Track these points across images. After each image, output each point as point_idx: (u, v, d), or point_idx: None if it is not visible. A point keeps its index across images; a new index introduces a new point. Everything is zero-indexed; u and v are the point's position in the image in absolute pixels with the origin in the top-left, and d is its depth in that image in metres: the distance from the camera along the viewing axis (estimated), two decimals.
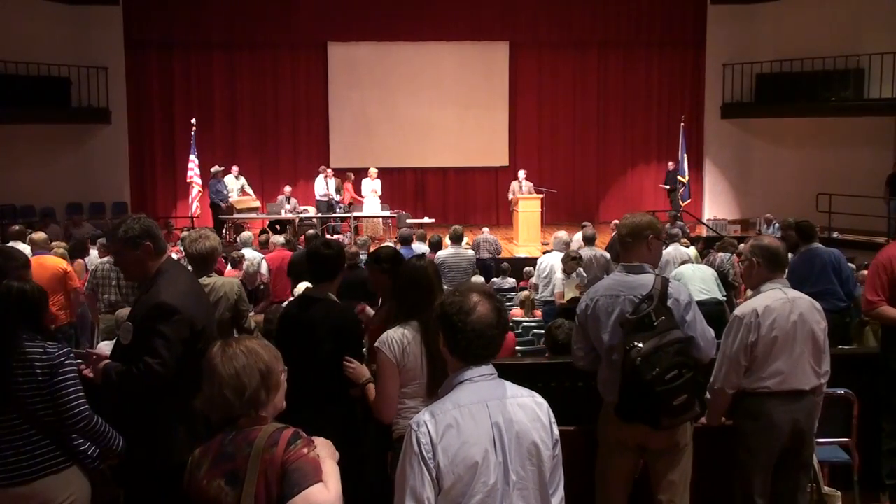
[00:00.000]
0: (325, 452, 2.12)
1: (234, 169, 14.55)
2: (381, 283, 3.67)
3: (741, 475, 3.43)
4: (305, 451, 2.03)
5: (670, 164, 15.73)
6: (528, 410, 2.14)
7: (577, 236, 9.57)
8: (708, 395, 3.49)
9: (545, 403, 2.19)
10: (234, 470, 2.04)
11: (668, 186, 15.78)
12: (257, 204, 14.54)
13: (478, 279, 8.58)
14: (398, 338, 3.03)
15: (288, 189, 14.39)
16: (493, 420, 2.08)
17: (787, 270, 3.59)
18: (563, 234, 8.65)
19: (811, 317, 3.38)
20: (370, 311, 4.00)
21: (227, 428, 2.11)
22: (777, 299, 3.37)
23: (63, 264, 6.83)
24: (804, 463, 3.46)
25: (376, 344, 3.07)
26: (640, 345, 3.00)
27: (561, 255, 7.95)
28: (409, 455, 2.03)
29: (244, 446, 2.05)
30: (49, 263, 6.64)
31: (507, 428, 2.08)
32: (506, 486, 2.06)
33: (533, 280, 8.75)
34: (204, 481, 2.07)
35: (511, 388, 2.16)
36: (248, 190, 14.63)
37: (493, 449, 2.06)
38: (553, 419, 2.18)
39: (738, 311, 3.47)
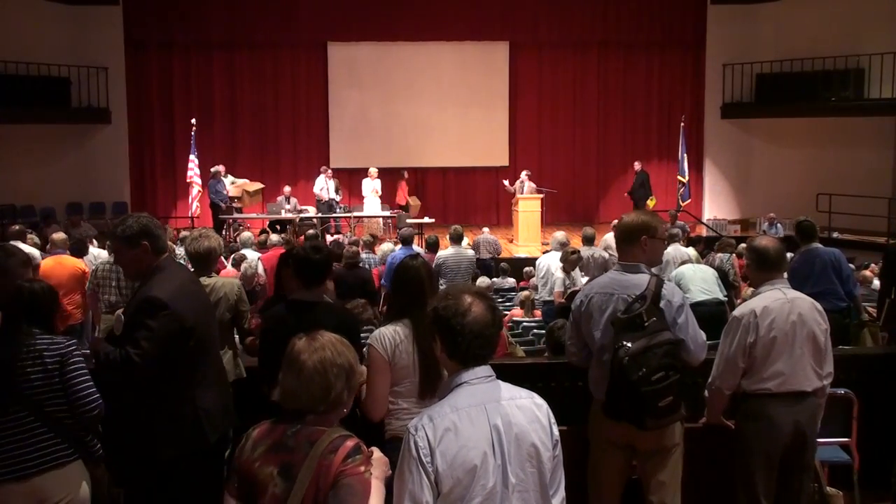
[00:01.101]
0: (377, 472, 2.10)
1: (221, 168, 14.54)
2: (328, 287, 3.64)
3: (744, 477, 3.40)
4: (362, 469, 2.02)
5: (636, 164, 15.50)
6: (527, 412, 2.12)
7: (608, 236, 10.07)
8: (706, 394, 3.49)
9: (545, 404, 2.18)
10: (290, 464, 2.04)
11: (651, 201, 14.92)
12: (260, 185, 14.55)
13: (484, 280, 8.58)
14: (390, 335, 3.03)
15: (287, 189, 14.38)
16: (491, 423, 2.07)
17: (785, 270, 3.56)
18: (560, 234, 8.64)
19: (811, 317, 3.37)
20: None
21: (294, 420, 2.10)
22: (776, 300, 3.36)
23: (82, 265, 7.05)
24: (807, 464, 3.43)
25: (368, 340, 3.06)
26: (629, 344, 2.99)
27: (558, 255, 7.94)
28: (407, 459, 2.02)
29: (305, 444, 2.04)
30: (69, 263, 6.89)
31: (506, 430, 2.07)
32: (505, 489, 2.06)
33: (533, 280, 8.75)
34: (256, 463, 2.08)
35: (509, 390, 2.15)
36: (238, 182, 14.61)
37: (492, 452, 2.05)
38: (553, 420, 2.17)
39: (736, 311, 3.46)
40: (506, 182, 14.88)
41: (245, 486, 2.09)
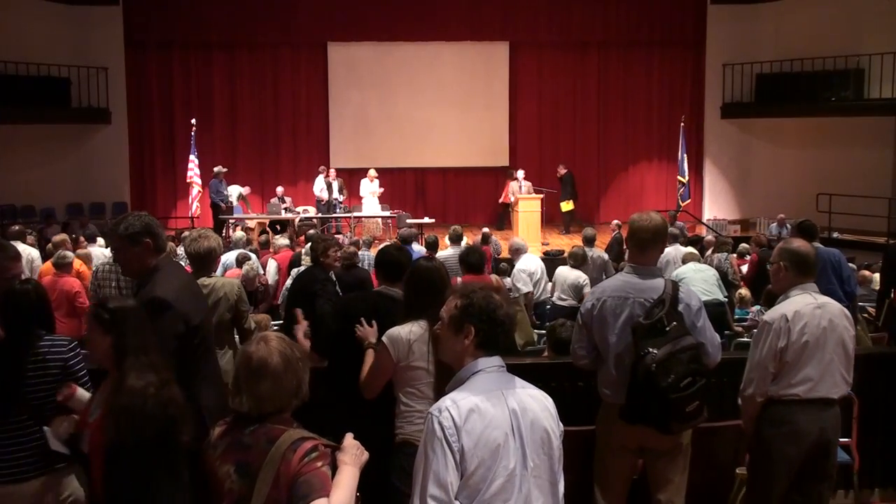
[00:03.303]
0: (348, 458, 2.14)
1: (246, 186, 14.68)
2: (99, 344, 2.61)
3: (761, 483, 3.32)
4: (318, 464, 2.06)
5: (561, 168, 15.46)
6: (538, 401, 2.19)
7: (671, 250, 8.24)
8: (739, 402, 3.40)
9: (550, 398, 2.25)
10: (247, 462, 2.08)
11: (568, 204, 15.17)
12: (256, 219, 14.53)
13: (502, 279, 8.54)
14: (405, 335, 3.02)
15: (280, 190, 14.42)
16: (510, 407, 2.11)
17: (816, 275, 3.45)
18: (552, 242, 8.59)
19: (840, 323, 3.30)
20: (82, 392, 2.85)
21: (253, 420, 2.15)
22: (807, 304, 3.28)
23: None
24: (827, 474, 3.35)
25: (384, 336, 3.07)
26: (655, 351, 2.97)
27: (529, 259, 7.92)
28: (430, 441, 2.03)
29: (263, 442, 2.09)
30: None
31: (523, 415, 2.12)
32: (524, 470, 2.09)
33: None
34: (217, 462, 2.15)
35: (520, 380, 2.22)
36: (245, 194, 14.61)
37: (512, 434, 2.09)
38: (557, 414, 2.24)
39: (766, 316, 3.38)
40: (511, 196, 14.75)
41: (210, 484, 2.17)
